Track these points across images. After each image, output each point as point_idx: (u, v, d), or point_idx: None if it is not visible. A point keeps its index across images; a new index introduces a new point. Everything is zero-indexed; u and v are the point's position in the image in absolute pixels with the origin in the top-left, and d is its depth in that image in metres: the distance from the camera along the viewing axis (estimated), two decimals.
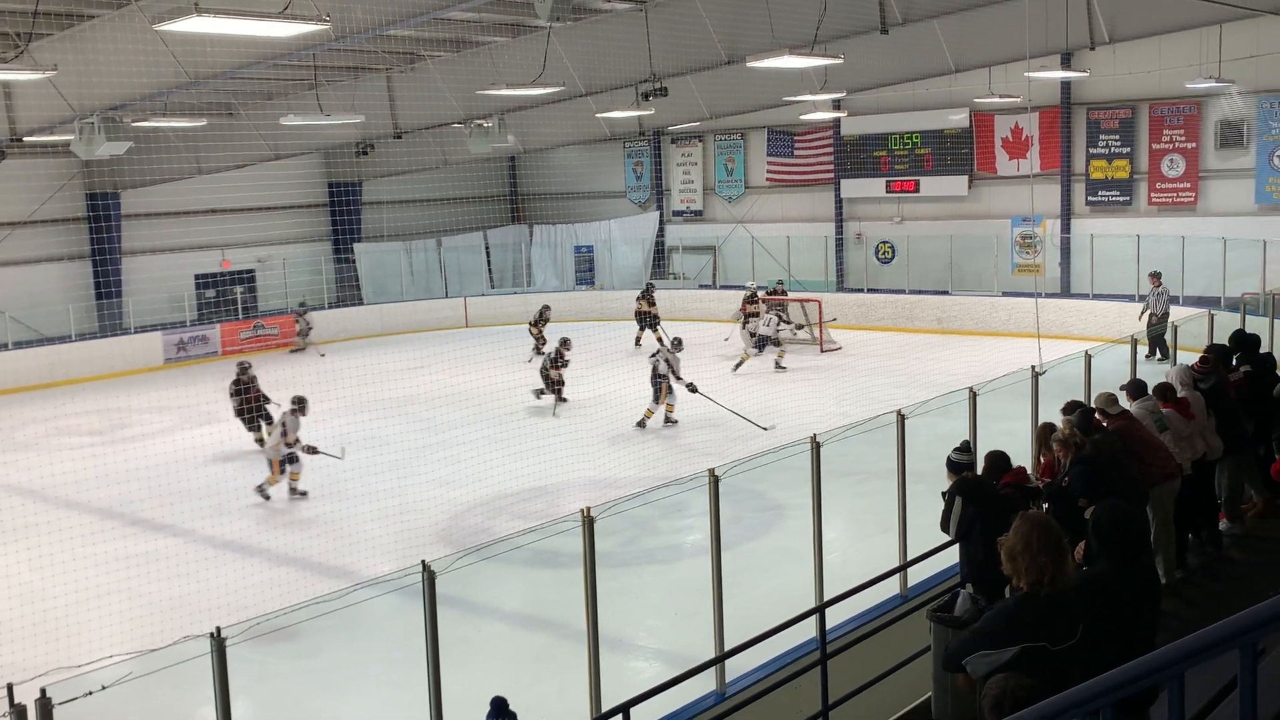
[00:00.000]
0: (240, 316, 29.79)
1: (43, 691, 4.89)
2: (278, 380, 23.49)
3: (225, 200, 29.47)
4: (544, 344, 24.51)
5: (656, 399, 18.84)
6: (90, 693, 5.02)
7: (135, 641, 10.33)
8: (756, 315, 25.12)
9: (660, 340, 24.41)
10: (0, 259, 26.43)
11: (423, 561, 6.14)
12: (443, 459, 17.27)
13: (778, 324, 24.02)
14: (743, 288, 28.21)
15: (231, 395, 18.72)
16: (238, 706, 5.89)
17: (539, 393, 20.63)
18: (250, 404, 18.49)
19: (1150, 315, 21.92)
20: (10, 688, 5.05)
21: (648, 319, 27.34)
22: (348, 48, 19.93)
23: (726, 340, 26.41)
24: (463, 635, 10.27)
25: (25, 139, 18.60)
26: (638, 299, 27.97)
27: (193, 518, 14.62)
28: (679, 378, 18.77)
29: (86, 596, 11.28)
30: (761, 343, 23.63)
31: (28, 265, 27.14)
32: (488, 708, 6.00)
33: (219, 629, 5.45)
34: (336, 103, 22.91)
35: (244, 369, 18.93)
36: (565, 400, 20.70)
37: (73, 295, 27.64)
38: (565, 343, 20.63)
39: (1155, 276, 22.61)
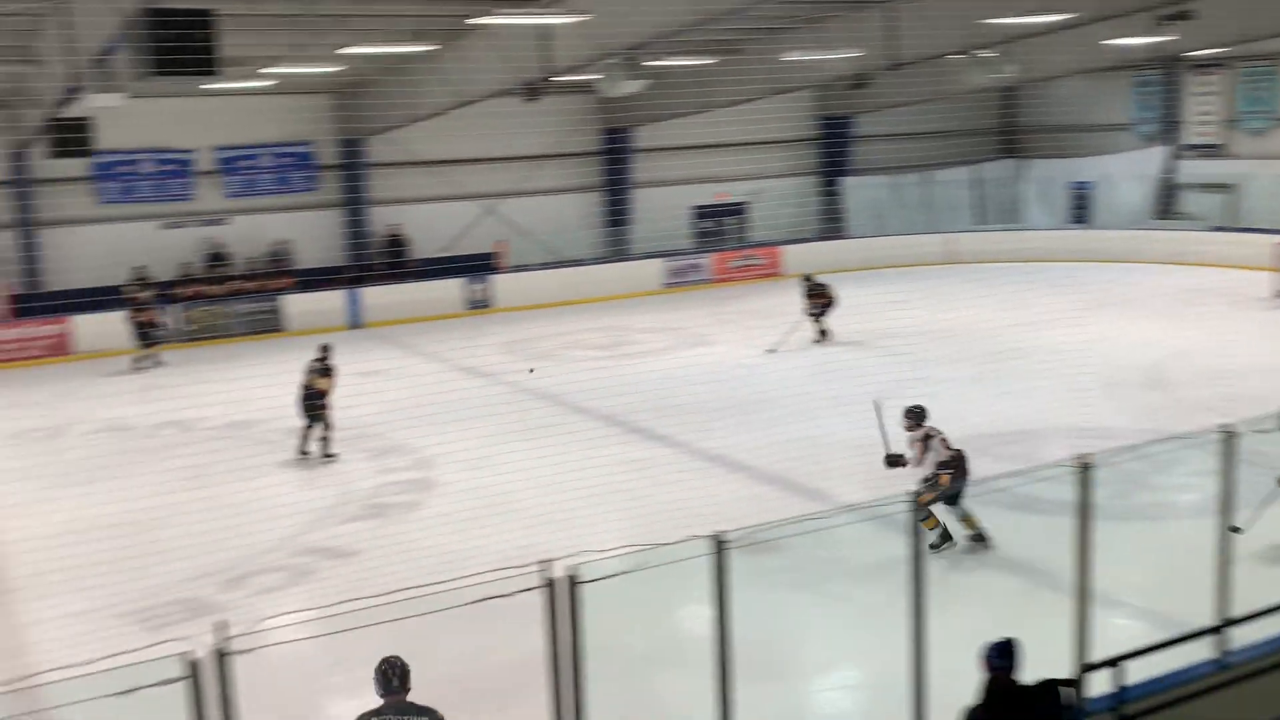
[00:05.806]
0: (733, 246, 31.25)
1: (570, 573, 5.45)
2: (762, 308, 24.44)
3: (722, 135, 30.73)
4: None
5: None
6: (613, 575, 5.55)
7: (636, 537, 11.33)
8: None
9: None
10: (529, 189, 29.48)
11: (913, 493, 6.24)
12: (920, 395, 17.19)
13: None
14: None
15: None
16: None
17: None
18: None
19: None
20: (542, 566, 5.71)
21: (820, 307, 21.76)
22: None
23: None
24: (938, 575, 10.29)
25: (553, 79, 20.33)
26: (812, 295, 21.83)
27: (683, 430, 15.71)
28: None
29: (595, 493, 12.47)
30: None
31: (551, 195, 30.07)
32: (986, 647, 5.82)
33: (720, 533, 5.77)
34: (837, 36, 23.07)
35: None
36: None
37: (586, 223, 30.38)
38: None
39: None
